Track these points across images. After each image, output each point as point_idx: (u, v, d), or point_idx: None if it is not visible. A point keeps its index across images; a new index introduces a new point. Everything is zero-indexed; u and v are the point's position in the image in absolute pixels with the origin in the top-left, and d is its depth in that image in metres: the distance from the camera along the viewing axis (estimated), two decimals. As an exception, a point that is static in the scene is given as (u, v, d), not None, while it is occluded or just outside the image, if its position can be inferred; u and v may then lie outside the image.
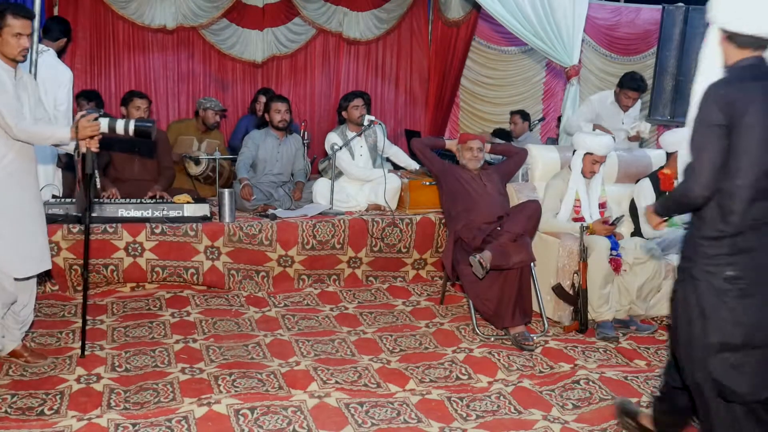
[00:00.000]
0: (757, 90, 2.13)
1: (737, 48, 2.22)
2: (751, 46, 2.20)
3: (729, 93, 2.14)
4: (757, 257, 2.17)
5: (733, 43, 2.22)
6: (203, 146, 5.54)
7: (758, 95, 2.12)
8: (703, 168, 2.16)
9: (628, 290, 3.98)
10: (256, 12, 7.30)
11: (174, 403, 2.84)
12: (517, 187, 4.47)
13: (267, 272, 4.46)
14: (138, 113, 4.71)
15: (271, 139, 4.94)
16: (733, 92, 2.14)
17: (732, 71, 2.23)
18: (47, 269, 3.19)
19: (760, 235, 2.17)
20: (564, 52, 5.33)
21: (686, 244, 2.33)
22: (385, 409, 2.91)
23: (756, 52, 2.21)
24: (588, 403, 3.05)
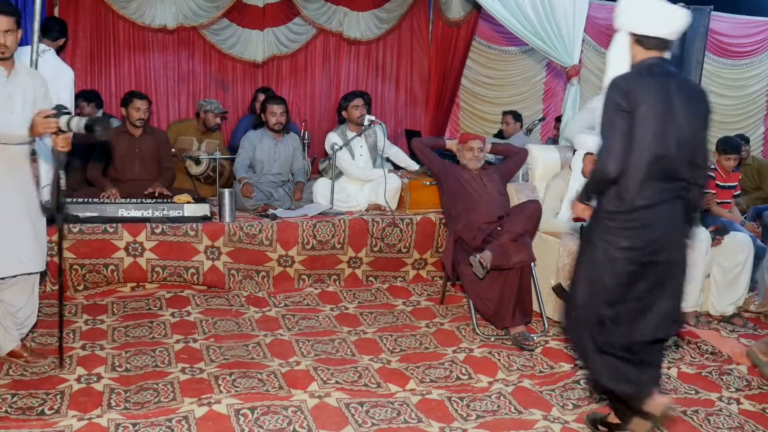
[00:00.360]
0: (653, 85, 2.42)
1: (644, 49, 2.52)
2: (656, 48, 2.51)
3: (629, 84, 2.42)
4: (648, 231, 2.45)
5: (640, 45, 2.52)
6: (203, 146, 5.54)
7: (653, 89, 2.41)
8: (615, 147, 2.41)
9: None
10: (256, 12, 7.29)
11: (174, 403, 2.84)
12: (517, 187, 4.47)
13: (267, 272, 4.46)
14: (138, 114, 4.71)
15: (267, 140, 4.94)
16: (632, 84, 2.42)
17: (636, 68, 2.52)
18: (35, 271, 3.12)
19: (652, 213, 2.44)
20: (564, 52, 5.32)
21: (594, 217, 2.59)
22: (385, 409, 2.91)
23: (659, 53, 2.52)
24: (588, 403, 3.05)
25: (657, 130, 2.40)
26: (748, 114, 8.74)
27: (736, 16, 8.36)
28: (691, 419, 2.96)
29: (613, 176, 2.43)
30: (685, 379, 3.37)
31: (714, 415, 3.01)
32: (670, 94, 2.45)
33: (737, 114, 8.68)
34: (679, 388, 3.26)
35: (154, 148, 4.83)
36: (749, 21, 8.44)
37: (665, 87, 2.45)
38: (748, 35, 8.46)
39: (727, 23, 8.32)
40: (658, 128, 2.40)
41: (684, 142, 2.45)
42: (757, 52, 8.51)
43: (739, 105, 8.67)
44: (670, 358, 3.64)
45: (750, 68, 8.56)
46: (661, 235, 2.47)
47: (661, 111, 2.41)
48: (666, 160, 2.43)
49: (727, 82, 8.51)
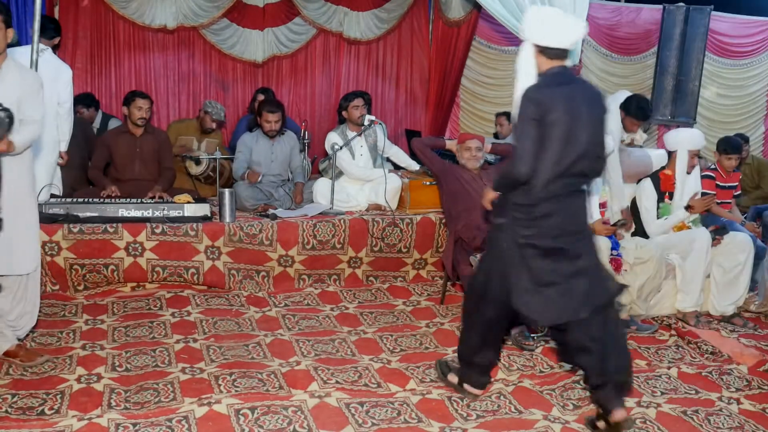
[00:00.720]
0: (560, 93, 2.64)
1: (548, 59, 2.72)
2: (557, 57, 2.72)
3: (539, 95, 2.64)
4: (553, 220, 2.70)
5: (544, 55, 2.72)
6: (203, 146, 5.54)
7: (560, 97, 2.63)
8: (525, 152, 2.63)
9: (629, 290, 3.97)
10: (256, 12, 7.29)
11: (174, 403, 2.84)
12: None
13: (267, 272, 4.46)
14: (140, 113, 4.72)
15: (263, 141, 4.94)
16: (541, 94, 2.64)
17: (543, 77, 2.73)
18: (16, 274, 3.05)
19: (556, 204, 2.70)
20: (564, 52, 5.31)
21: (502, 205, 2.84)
22: (385, 409, 2.91)
23: (561, 62, 2.73)
24: (589, 402, 3.05)
25: (565, 133, 2.62)
26: (748, 114, 8.74)
27: (737, 16, 8.36)
28: (691, 419, 2.96)
29: (524, 180, 2.65)
30: (685, 379, 3.37)
31: (714, 415, 3.01)
32: (575, 99, 2.67)
33: (737, 114, 8.68)
34: (679, 388, 3.26)
35: (154, 148, 4.83)
36: (749, 21, 8.44)
37: (571, 93, 2.67)
38: (749, 35, 8.46)
39: (727, 23, 8.32)
40: (567, 132, 2.62)
41: (586, 141, 2.67)
42: (757, 52, 8.51)
43: (739, 105, 8.66)
44: (670, 358, 3.65)
45: (750, 68, 8.55)
46: (562, 224, 2.71)
47: (569, 116, 2.62)
48: (572, 159, 2.65)
49: (727, 82, 8.51)
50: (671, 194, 4.30)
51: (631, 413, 2.90)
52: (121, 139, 4.78)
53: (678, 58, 7.68)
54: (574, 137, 2.64)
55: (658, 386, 3.26)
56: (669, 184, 4.32)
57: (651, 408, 3.02)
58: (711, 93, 7.95)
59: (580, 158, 2.67)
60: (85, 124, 5.38)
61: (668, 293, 4.23)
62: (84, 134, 5.15)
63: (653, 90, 7.83)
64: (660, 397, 3.14)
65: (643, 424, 2.88)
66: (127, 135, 4.79)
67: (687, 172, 4.32)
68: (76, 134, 4.77)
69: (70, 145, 4.65)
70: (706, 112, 8.39)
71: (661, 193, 4.32)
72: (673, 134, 4.39)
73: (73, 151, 4.74)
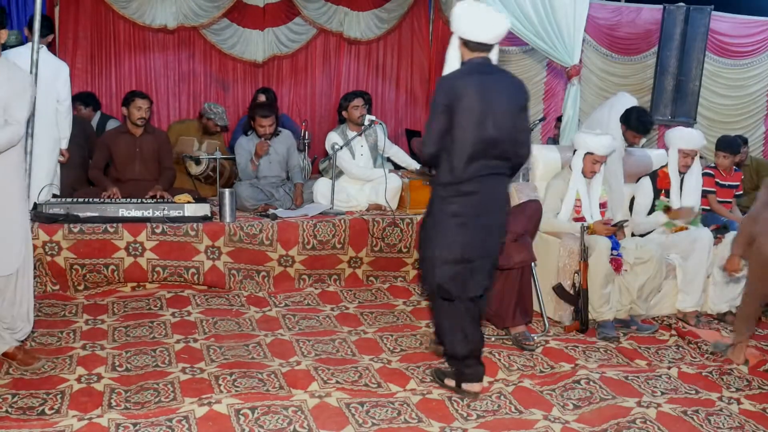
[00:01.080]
0: (474, 81, 2.88)
1: (469, 50, 2.96)
2: (479, 50, 2.94)
3: (452, 83, 2.90)
4: (474, 199, 2.93)
5: (467, 47, 2.96)
6: (204, 146, 5.54)
7: (473, 84, 2.87)
8: (433, 134, 2.90)
9: (629, 290, 3.99)
10: (256, 12, 7.29)
11: (174, 403, 2.84)
12: (518, 187, 4.46)
13: (267, 272, 4.46)
14: (139, 113, 4.71)
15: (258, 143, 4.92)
16: (455, 82, 2.90)
17: (463, 67, 2.98)
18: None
19: (477, 184, 2.92)
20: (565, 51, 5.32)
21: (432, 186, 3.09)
22: (385, 409, 2.91)
23: (482, 54, 2.95)
24: (588, 402, 3.05)
25: (477, 118, 2.85)
26: (748, 114, 8.73)
27: (737, 16, 8.36)
28: (691, 419, 2.96)
29: (430, 155, 2.95)
30: (685, 379, 3.37)
31: (714, 415, 3.01)
32: (489, 87, 2.89)
33: (737, 114, 8.67)
34: (679, 388, 3.26)
35: (154, 148, 4.82)
36: (750, 21, 8.43)
37: (485, 82, 2.89)
38: (749, 35, 8.45)
39: (727, 23, 8.31)
40: (478, 116, 2.85)
41: (503, 127, 2.90)
42: (757, 52, 8.50)
43: (740, 105, 8.66)
44: (671, 358, 3.65)
45: (750, 68, 8.55)
46: (484, 203, 2.96)
47: (480, 102, 2.85)
48: (486, 142, 2.89)
49: (727, 82, 8.50)
50: (668, 192, 4.32)
51: (489, 391, 3.15)
52: (121, 140, 4.78)
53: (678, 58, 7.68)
54: (488, 122, 2.87)
55: (659, 386, 3.26)
56: (666, 181, 4.34)
57: (651, 408, 3.02)
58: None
59: (495, 142, 2.90)
60: (85, 123, 5.38)
61: (669, 293, 4.24)
62: (84, 133, 5.15)
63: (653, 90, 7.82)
64: (660, 397, 3.14)
65: (644, 424, 2.88)
66: (127, 135, 4.79)
67: (680, 171, 4.33)
68: (76, 133, 4.77)
69: (70, 144, 4.65)
70: (706, 112, 8.38)
71: (658, 190, 4.34)
72: (668, 133, 4.44)
73: (73, 151, 4.74)
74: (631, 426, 2.86)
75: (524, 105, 3.03)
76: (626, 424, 2.88)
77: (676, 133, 4.37)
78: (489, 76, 2.93)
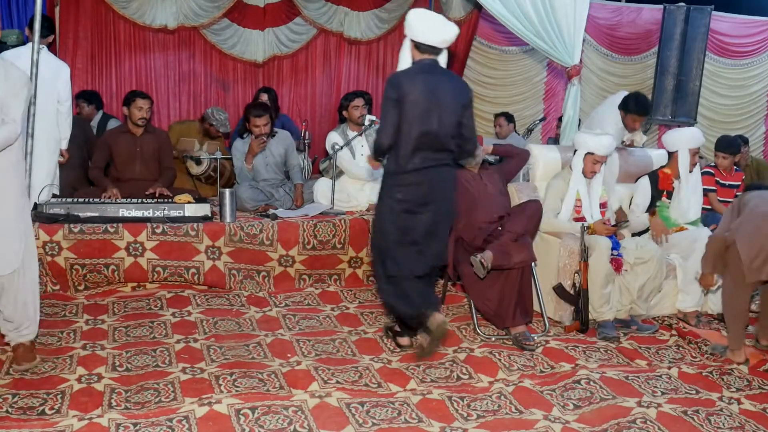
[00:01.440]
0: (421, 79, 3.18)
1: (420, 52, 3.26)
2: (428, 52, 3.25)
3: (400, 80, 3.20)
4: (419, 188, 3.24)
5: (417, 49, 3.26)
6: (204, 147, 5.55)
7: (420, 82, 3.17)
8: (387, 126, 3.19)
9: (629, 290, 3.99)
10: (257, 12, 7.29)
11: (175, 403, 2.84)
12: (518, 187, 4.47)
13: (268, 272, 4.46)
14: (140, 113, 4.72)
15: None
16: (403, 79, 3.20)
17: (412, 66, 3.27)
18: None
19: (421, 175, 3.23)
20: (565, 51, 5.32)
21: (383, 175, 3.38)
22: (385, 409, 2.91)
23: (432, 56, 3.26)
24: (589, 402, 3.05)
25: (422, 113, 3.15)
26: (748, 114, 8.74)
27: (737, 16, 8.36)
28: (692, 419, 2.96)
29: (386, 147, 3.23)
30: (685, 379, 3.37)
31: (715, 415, 3.01)
32: (435, 86, 3.18)
33: (737, 114, 8.67)
34: (679, 388, 3.26)
35: (155, 148, 4.83)
36: (750, 21, 8.44)
37: (431, 80, 3.19)
38: (749, 35, 8.46)
39: (727, 23, 8.31)
40: (423, 112, 3.15)
41: (446, 122, 3.21)
42: (757, 52, 8.51)
43: (740, 105, 8.66)
44: (671, 358, 3.65)
45: (750, 68, 8.55)
46: (429, 192, 3.26)
47: (426, 99, 3.15)
48: (431, 135, 3.18)
49: (727, 82, 8.51)
50: (669, 193, 4.31)
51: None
52: (121, 139, 4.78)
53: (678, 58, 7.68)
54: (433, 117, 3.17)
55: (659, 386, 3.26)
56: (667, 183, 4.32)
57: (651, 408, 3.02)
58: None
59: (438, 136, 3.20)
60: (84, 124, 5.38)
61: (669, 293, 4.23)
62: (84, 134, 5.16)
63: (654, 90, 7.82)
64: (660, 397, 3.14)
65: (644, 424, 2.88)
66: (128, 135, 4.79)
67: (689, 171, 4.32)
68: (76, 133, 4.78)
69: (70, 144, 4.65)
70: (706, 112, 8.38)
71: (659, 191, 4.33)
72: (672, 134, 4.39)
73: (73, 151, 4.75)
74: (631, 426, 2.86)
75: (467, 103, 3.33)
76: (626, 424, 2.88)
77: (685, 133, 4.35)
78: (435, 75, 3.24)
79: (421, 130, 3.16)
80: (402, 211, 3.27)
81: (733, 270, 3.45)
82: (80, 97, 5.86)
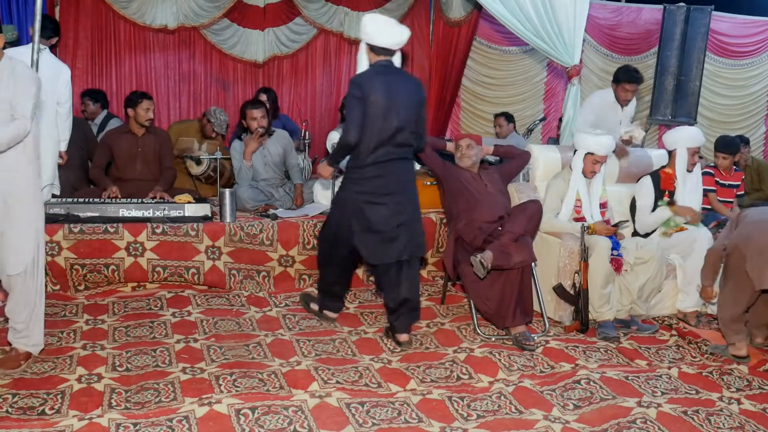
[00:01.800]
0: (380, 80, 3.43)
1: (375, 54, 3.51)
2: (383, 54, 3.51)
3: (362, 80, 3.44)
4: (381, 181, 3.49)
5: (373, 51, 3.51)
6: (204, 147, 5.54)
7: (379, 82, 3.42)
8: (354, 124, 3.41)
9: (629, 290, 3.99)
10: (257, 12, 7.29)
11: (175, 403, 2.84)
12: (518, 187, 4.47)
13: (268, 272, 4.46)
14: (147, 115, 4.72)
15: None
16: (365, 80, 3.44)
17: (370, 68, 3.51)
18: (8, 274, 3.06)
19: (382, 168, 3.48)
20: (565, 51, 5.32)
21: (345, 170, 3.63)
22: (386, 409, 2.91)
23: (386, 57, 3.51)
24: (589, 402, 3.05)
25: (382, 110, 3.39)
26: (748, 114, 8.73)
27: (737, 16, 8.36)
28: (691, 419, 2.96)
29: (353, 144, 3.43)
30: (685, 379, 3.37)
31: (715, 415, 3.01)
32: (392, 85, 3.44)
33: (738, 114, 8.67)
34: (679, 388, 3.26)
35: (156, 148, 4.82)
36: (750, 21, 8.44)
37: (389, 80, 3.45)
38: (749, 35, 8.45)
39: (727, 23, 8.31)
40: (384, 109, 3.40)
41: (405, 118, 3.46)
42: (757, 52, 8.50)
43: (740, 105, 8.66)
44: (671, 358, 3.65)
45: (751, 68, 8.55)
46: (390, 184, 3.51)
47: (386, 98, 3.40)
48: (390, 131, 3.43)
49: (727, 82, 8.50)
50: (671, 193, 4.30)
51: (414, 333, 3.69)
52: (122, 139, 4.78)
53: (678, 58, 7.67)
54: (392, 115, 3.42)
55: (659, 386, 3.26)
56: (669, 182, 4.32)
57: (651, 408, 3.02)
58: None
59: (398, 131, 3.45)
60: (84, 124, 5.38)
61: (669, 293, 4.23)
62: (83, 134, 5.15)
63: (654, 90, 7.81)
64: (660, 397, 3.14)
65: (644, 424, 2.88)
66: (129, 135, 4.79)
67: (688, 170, 4.32)
68: (76, 134, 4.77)
69: (70, 145, 4.64)
70: (706, 112, 8.38)
71: (661, 191, 4.32)
72: (672, 133, 4.40)
73: (73, 151, 4.74)
74: (631, 426, 2.86)
75: (423, 100, 3.62)
76: (626, 424, 2.88)
77: (683, 132, 4.35)
78: (392, 75, 3.49)
79: (382, 127, 3.41)
80: (364, 202, 3.50)
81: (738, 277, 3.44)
82: (86, 95, 5.87)
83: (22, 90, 2.93)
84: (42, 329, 3.21)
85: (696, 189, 4.39)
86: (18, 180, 3.00)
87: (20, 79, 2.94)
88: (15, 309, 3.09)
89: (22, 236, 3.02)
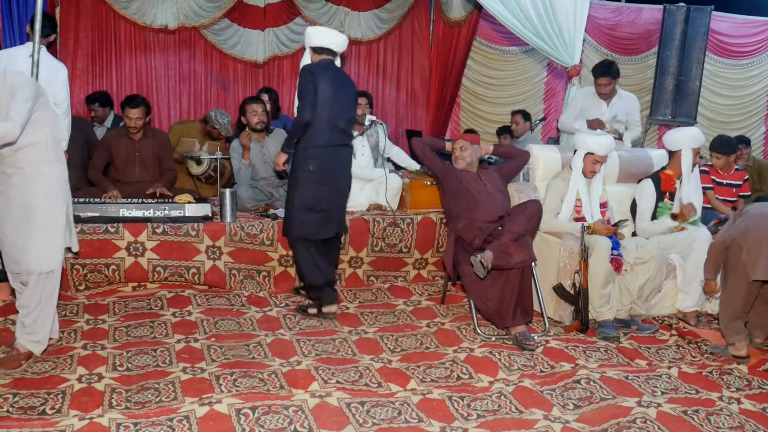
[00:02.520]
0: (328, 72, 3.91)
1: (317, 54, 4.00)
2: (325, 53, 3.98)
3: (314, 68, 3.90)
4: (327, 162, 3.91)
5: (315, 53, 4.00)
6: (205, 147, 5.54)
7: (326, 72, 3.89)
8: (308, 103, 3.81)
9: (629, 290, 3.99)
10: (257, 12, 7.30)
11: (175, 403, 2.85)
12: (518, 187, 4.47)
13: (268, 272, 4.46)
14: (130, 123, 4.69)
15: (253, 145, 4.89)
16: (315, 69, 3.90)
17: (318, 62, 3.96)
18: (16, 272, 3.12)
19: (329, 150, 3.92)
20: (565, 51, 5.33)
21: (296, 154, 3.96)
22: (386, 409, 2.91)
23: (328, 57, 3.99)
24: (589, 402, 3.06)
25: (329, 97, 3.84)
26: (748, 114, 8.74)
27: (737, 16, 8.36)
28: (691, 419, 2.96)
29: (307, 121, 3.82)
30: (685, 378, 3.37)
31: (714, 415, 3.01)
32: (336, 77, 3.93)
33: (737, 114, 8.68)
34: (679, 388, 3.26)
35: (154, 151, 4.80)
36: (750, 21, 8.44)
37: (334, 73, 3.94)
38: (749, 35, 8.46)
39: (727, 23, 8.32)
40: (330, 97, 3.85)
41: (342, 109, 3.93)
42: (757, 52, 8.51)
43: (740, 105, 8.67)
44: (671, 358, 3.65)
45: (750, 68, 8.56)
46: (334, 167, 3.96)
47: (330, 88, 3.85)
48: (335, 118, 3.88)
49: (727, 82, 8.51)
50: (671, 194, 4.30)
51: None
52: (121, 142, 4.76)
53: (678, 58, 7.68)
54: (336, 103, 3.87)
55: (659, 386, 3.27)
56: (669, 184, 4.32)
57: (651, 408, 3.02)
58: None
59: (339, 118, 3.91)
60: (85, 124, 5.38)
61: (669, 293, 4.24)
62: (84, 134, 5.15)
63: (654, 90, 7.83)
64: (660, 397, 3.14)
65: (644, 424, 2.89)
66: (127, 138, 4.76)
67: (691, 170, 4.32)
68: (77, 134, 4.77)
69: (70, 144, 4.64)
70: (706, 112, 8.39)
71: (662, 193, 4.32)
72: (675, 134, 4.37)
73: (73, 151, 4.73)
74: (631, 426, 2.87)
75: (355, 95, 4.14)
76: (626, 423, 2.88)
77: (687, 132, 4.33)
78: (336, 71, 4.00)
79: (329, 111, 3.85)
80: (315, 182, 3.88)
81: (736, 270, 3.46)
82: (91, 101, 5.85)
83: (11, 96, 2.93)
84: (49, 331, 3.23)
85: (696, 188, 4.38)
86: (39, 180, 3.05)
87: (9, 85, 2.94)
88: (28, 304, 3.11)
89: (45, 235, 3.08)
